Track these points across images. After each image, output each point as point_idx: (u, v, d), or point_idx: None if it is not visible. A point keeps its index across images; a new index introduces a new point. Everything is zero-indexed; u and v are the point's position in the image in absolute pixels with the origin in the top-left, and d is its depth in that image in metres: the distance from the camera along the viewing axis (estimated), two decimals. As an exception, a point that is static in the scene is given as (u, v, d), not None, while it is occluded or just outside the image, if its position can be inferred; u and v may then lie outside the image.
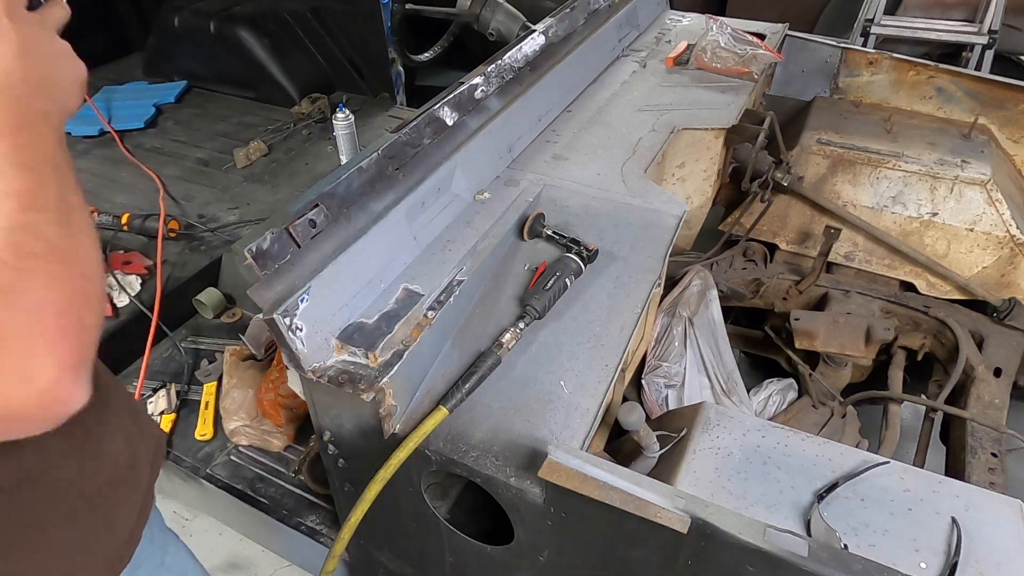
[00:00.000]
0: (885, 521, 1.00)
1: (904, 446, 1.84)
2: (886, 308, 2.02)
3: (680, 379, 1.76)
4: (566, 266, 1.26)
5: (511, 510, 1.05)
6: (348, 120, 2.64)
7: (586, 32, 1.99)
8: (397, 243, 1.22)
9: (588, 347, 1.18)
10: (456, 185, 1.39)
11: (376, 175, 1.22)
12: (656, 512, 0.86)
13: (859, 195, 2.07)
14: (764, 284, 2.11)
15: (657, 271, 1.31)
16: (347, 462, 1.21)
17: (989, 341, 1.91)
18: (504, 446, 1.03)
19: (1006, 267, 1.97)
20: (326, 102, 3.11)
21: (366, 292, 1.15)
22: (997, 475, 1.62)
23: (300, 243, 1.06)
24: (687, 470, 1.09)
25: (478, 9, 2.28)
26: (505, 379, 1.13)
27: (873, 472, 1.06)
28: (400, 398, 1.05)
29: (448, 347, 1.18)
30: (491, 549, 1.15)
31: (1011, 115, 2.21)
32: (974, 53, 3.50)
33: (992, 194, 1.92)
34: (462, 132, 1.45)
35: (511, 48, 1.68)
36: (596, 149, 1.66)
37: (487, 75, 1.56)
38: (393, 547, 1.37)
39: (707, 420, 1.17)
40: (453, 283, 1.19)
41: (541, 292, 1.22)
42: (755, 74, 2.00)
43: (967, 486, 1.06)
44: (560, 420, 1.07)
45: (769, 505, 1.03)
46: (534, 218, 1.38)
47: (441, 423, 1.04)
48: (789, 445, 1.12)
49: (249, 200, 2.58)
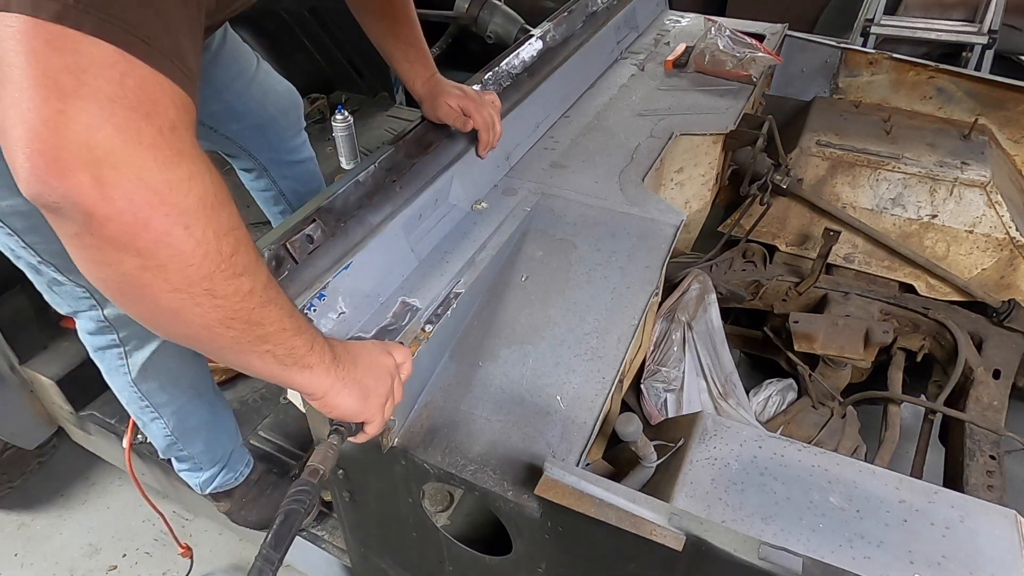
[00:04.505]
0: (880, 533, 1.01)
1: (904, 447, 1.84)
2: (885, 310, 2.02)
3: (679, 383, 1.76)
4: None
5: (509, 523, 1.06)
6: (347, 122, 2.65)
7: (584, 35, 1.99)
8: (395, 256, 1.23)
9: (585, 359, 1.18)
10: (454, 195, 1.40)
11: (374, 188, 1.23)
12: (651, 530, 0.87)
13: (859, 197, 2.07)
14: (763, 286, 2.11)
15: (654, 281, 1.31)
16: (346, 472, 1.22)
17: (988, 343, 1.91)
18: (501, 460, 1.04)
19: (1006, 269, 1.97)
20: (325, 103, 3.11)
21: (364, 306, 1.15)
22: (995, 477, 1.62)
23: (298, 259, 1.06)
24: (684, 481, 1.09)
25: (476, 12, 2.28)
26: (503, 393, 1.14)
27: (868, 482, 1.06)
28: (398, 412, 1.06)
29: (446, 359, 1.18)
30: (490, 559, 1.16)
31: (1011, 115, 2.21)
32: (974, 53, 3.48)
33: (992, 196, 1.92)
34: (460, 141, 1.45)
35: (509, 54, 1.68)
36: (594, 156, 1.66)
37: (484, 83, 1.56)
38: (394, 555, 1.38)
39: (704, 430, 1.17)
40: (451, 296, 1.19)
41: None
42: (754, 77, 1.99)
43: (963, 496, 1.06)
44: (557, 434, 1.07)
45: (765, 516, 1.04)
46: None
47: (438, 435, 1.05)
48: (786, 455, 1.12)
49: (249, 203, 2.57)
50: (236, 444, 1.63)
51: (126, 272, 0.61)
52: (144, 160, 0.58)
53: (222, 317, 0.67)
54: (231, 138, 1.63)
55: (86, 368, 1.86)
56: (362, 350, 0.90)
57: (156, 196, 0.59)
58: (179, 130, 0.61)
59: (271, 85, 1.65)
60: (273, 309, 0.72)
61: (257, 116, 1.62)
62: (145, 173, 0.58)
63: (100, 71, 0.56)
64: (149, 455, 1.82)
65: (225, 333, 0.69)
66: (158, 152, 0.59)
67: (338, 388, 0.83)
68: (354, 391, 0.85)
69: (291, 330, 0.75)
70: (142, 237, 0.59)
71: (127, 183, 0.57)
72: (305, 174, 1.84)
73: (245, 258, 0.67)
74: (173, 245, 0.60)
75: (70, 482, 2.40)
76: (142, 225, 0.58)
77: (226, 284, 0.66)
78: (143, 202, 0.58)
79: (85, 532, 2.25)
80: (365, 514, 1.31)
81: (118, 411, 1.87)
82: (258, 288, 0.69)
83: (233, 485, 1.65)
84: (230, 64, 1.52)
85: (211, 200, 0.63)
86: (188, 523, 2.21)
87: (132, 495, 2.27)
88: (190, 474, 1.62)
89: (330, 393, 0.83)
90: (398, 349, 0.97)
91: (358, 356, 0.88)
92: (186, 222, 0.61)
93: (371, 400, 0.88)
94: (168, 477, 1.82)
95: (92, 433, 1.99)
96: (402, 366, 0.96)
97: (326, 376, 0.82)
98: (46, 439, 2.11)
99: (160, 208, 0.59)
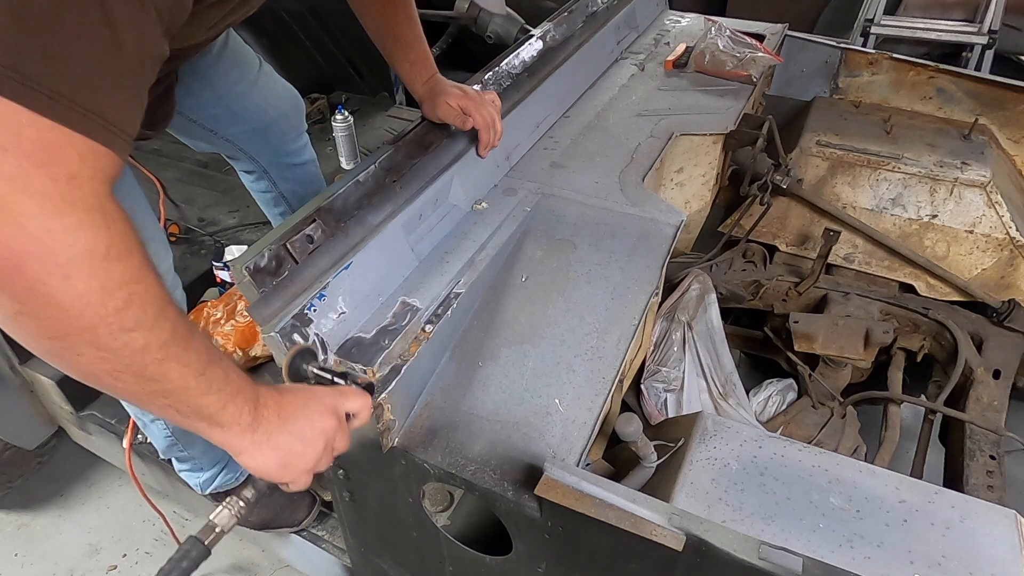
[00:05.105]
0: (880, 533, 1.01)
1: (904, 446, 1.84)
2: (885, 310, 2.02)
3: (679, 383, 1.76)
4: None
5: (509, 523, 1.06)
6: (347, 122, 2.65)
7: (584, 35, 1.99)
8: (395, 256, 1.23)
9: (585, 359, 1.18)
10: (454, 195, 1.40)
11: (374, 188, 1.23)
12: (651, 530, 0.87)
13: (859, 197, 2.07)
14: (764, 286, 2.11)
15: (655, 282, 1.31)
16: (347, 473, 1.22)
17: (988, 343, 1.91)
18: (502, 460, 1.04)
19: (1005, 269, 1.97)
20: (325, 103, 3.11)
21: (364, 306, 1.15)
22: (995, 477, 1.62)
23: (298, 259, 1.06)
24: (684, 481, 1.09)
25: (476, 12, 2.28)
26: (503, 393, 1.14)
27: (868, 482, 1.06)
28: (398, 412, 1.06)
29: (446, 360, 1.18)
30: (490, 559, 1.16)
31: (1011, 115, 2.21)
32: (974, 53, 3.49)
33: (992, 196, 1.92)
34: (460, 141, 1.45)
35: (509, 54, 1.67)
36: (594, 156, 1.66)
37: (484, 83, 1.56)
38: (394, 555, 1.38)
39: (704, 430, 1.17)
40: (451, 296, 1.19)
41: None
42: (754, 77, 1.99)
43: (963, 496, 1.06)
44: (557, 434, 1.08)
45: (766, 517, 1.04)
46: (295, 355, 0.95)
47: (438, 436, 1.05)
48: (786, 455, 1.12)
49: (249, 203, 2.58)
50: None
51: (5, 313, 0.61)
52: (27, 207, 0.58)
53: (109, 369, 0.66)
54: (232, 141, 1.63)
55: (86, 368, 1.87)
56: (297, 410, 0.83)
57: (34, 243, 0.58)
58: (79, 180, 0.61)
59: (273, 88, 1.65)
60: (173, 366, 0.69)
61: (258, 119, 1.62)
62: (26, 220, 0.58)
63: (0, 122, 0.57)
64: (149, 455, 1.82)
65: (114, 384, 0.68)
66: (45, 201, 0.59)
67: (252, 452, 0.79)
68: (272, 455, 0.80)
69: (198, 389, 0.72)
70: (16, 282, 0.59)
71: (5, 228, 0.57)
72: (306, 176, 1.84)
73: (138, 313, 0.65)
74: (48, 294, 0.60)
75: (70, 482, 2.40)
76: (16, 271, 0.58)
77: (111, 338, 0.64)
78: (19, 248, 0.58)
79: (85, 532, 2.26)
80: (365, 514, 1.31)
81: (118, 411, 1.88)
82: (153, 345, 0.67)
83: (233, 485, 1.65)
84: (231, 67, 1.52)
85: (102, 252, 0.62)
86: (188, 523, 2.21)
87: (132, 495, 2.27)
88: (190, 474, 1.62)
89: (244, 454, 0.79)
90: (352, 398, 0.89)
91: (288, 418, 0.81)
92: (66, 272, 0.60)
93: (292, 466, 0.82)
94: (168, 477, 1.82)
95: (92, 433, 1.99)
96: (357, 415, 0.90)
97: (239, 439, 0.78)
98: (46, 439, 2.11)
99: (35, 256, 0.59)
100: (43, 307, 0.61)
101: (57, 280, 0.60)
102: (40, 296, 0.60)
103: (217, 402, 0.74)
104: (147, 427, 1.50)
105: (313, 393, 0.87)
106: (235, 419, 0.76)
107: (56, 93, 0.59)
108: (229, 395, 0.75)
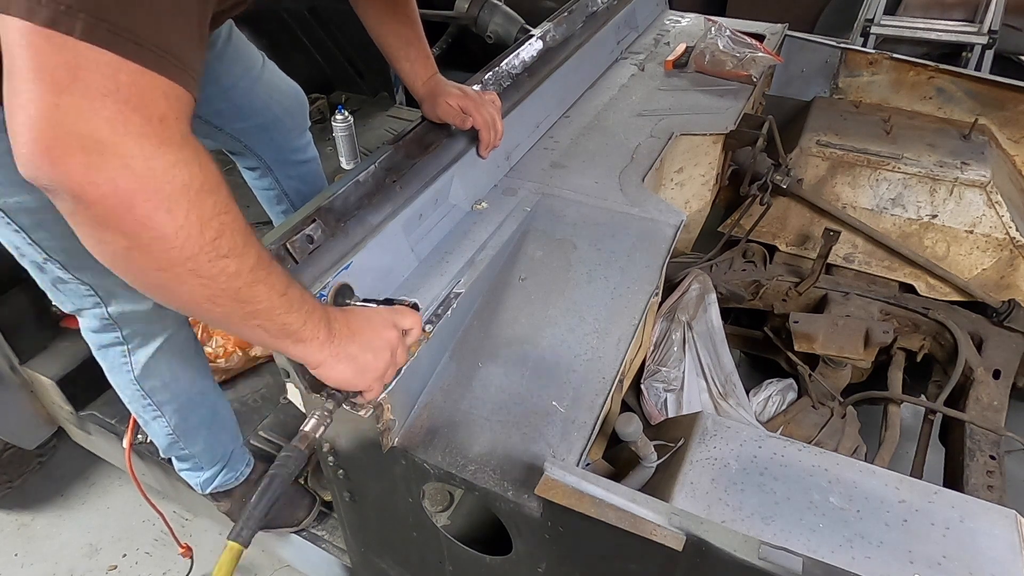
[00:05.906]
0: (880, 533, 1.01)
1: (904, 446, 1.84)
2: (885, 310, 2.02)
3: (679, 383, 1.76)
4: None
5: (509, 523, 1.06)
6: (347, 122, 2.65)
7: (584, 35, 1.99)
8: (395, 256, 1.23)
9: (585, 360, 1.18)
10: (454, 195, 1.40)
11: (374, 188, 1.23)
12: (651, 530, 0.87)
13: (858, 197, 2.07)
14: (764, 286, 2.11)
15: (654, 282, 1.31)
16: (347, 473, 1.22)
17: (988, 343, 1.91)
18: (502, 460, 1.04)
19: (1006, 269, 1.97)
20: (325, 103, 3.12)
21: (364, 306, 1.15)
22: (995, 477, 1.62)
23: (298, 259, 1.07)
24: (684, 481, 1.09)
25: (476, 12, 2.28)
26: (503, 392, 1.14)
27: (868, 482, 1.06)
28: (398, 412, 1.06)
29: (446, 360, 1.18)
30: (490, 559, 1.16)
31: (1011, 115, 2.21)
32: (974, 53, 3.48)
33: (992, 196, 1.92)
34: (460, 141, 1.45)
35: (509, 54, 1.68)
36: (594, 156, 1.66)
37: (484, 83, 1.56)
38: (394, 555, 1.38)
39: (704, 430, 1.17)
40: (451, 296, 1.19)
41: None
42: (754, 77, 1.99)
43: (963, 496, 1.06)
44: (557, 434, 1.08)
45: (765, 516, 1.04)
46: (336, 292, 1.07)
47: (438, 435, 1.04)
48: (786, 455, 1.12)
49: (250, 203, 2.57)
50: (237, 444, 1.63)
51: (116, 250, 0.67)
52: (130, 149, 0.62)
53: (209, 295, 0.72)
54: (236, 136, 1.63)
55: (86, 368, 1.87)
56: (364, 324, 0.92)
57: (139, 182, 0.63)
58: (168, 120, 0.66)
59: (277, 84, 1.65)
60: (262, 289, 0.76)
61: (262, 115, 1.62)
62: (130, 160, 0.62)
63: (94, 68, 0.61)
64: (149, 455, 1.82)
65: (213, 309, 0.74)
66: (145, 141, 0.63)
67: (331, 363, 0.87)
68: (349, 365, 0.89)
69: (282, 308, 0.79)
70: (126, 219, 0.64)
71: (112, 170, 0.62)
72: (309, 174, 1.85)
73: (230, 242, 0.71)
74: (155, 228, 0.65)
75: (70, 482, 2.40)
76: (126, 208, 0.63)
77: (210, 266, 0.70)
78: (126, 187, 0.63)
79: (85, 532, 2.26)
80: (365, 514, 1.31)
81: (118, 411, 1.87)
82: (244, 270, 0.73)
83: (233, 485, 1.65)
84: (235, 62, 1.53)
85: (196, 186, 0.67)
86: (188, 523, 2.21)
87: (132, 495, 2.27)
88: (191, 474, 1.62)
89: (323, 366, 0.88)
90: (406, 316, 0.98)
91: (357, 331, 0.90)
92: (168, 206, 0.65)
93: (367, 374, 0.91)
94: (168, 477, 1.82)
95: (92, 433, 1.99)
96: (410, 332, 0.98)
97: (319, 351, 0.86)
98: (46, 439, 2.11)
99: (142, 193, 0.63)
100: (151, 240, 0.66)
101: (162, 214, 0.65)
102: (148, 230, 0.65)
103: (299, 319, 0.81)
104: (148, 425, 1.50)
105: (374, 311, 0.97)
106: (314, 334, 0.84)
107: (140, 38, 0.63)
108: (307, 312, 0.83)
